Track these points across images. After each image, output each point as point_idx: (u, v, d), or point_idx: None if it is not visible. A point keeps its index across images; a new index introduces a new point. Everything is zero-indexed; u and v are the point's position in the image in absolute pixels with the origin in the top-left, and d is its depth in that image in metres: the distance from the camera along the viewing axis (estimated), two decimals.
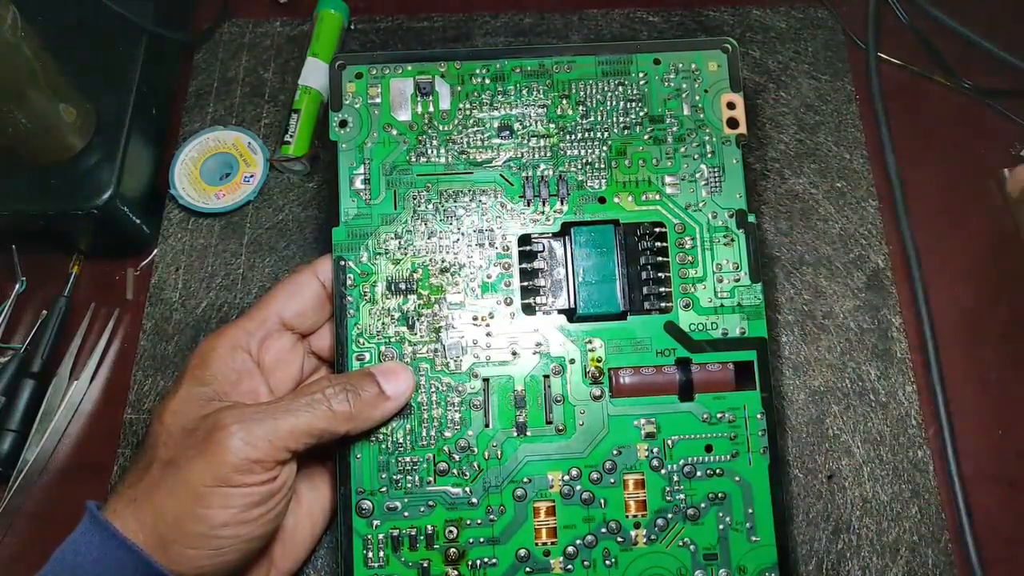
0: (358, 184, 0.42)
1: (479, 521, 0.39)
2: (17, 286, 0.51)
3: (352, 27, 0.58)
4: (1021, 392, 0.47)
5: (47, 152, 0.47)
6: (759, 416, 0.41)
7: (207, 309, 0.50)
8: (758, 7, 0.57)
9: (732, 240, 0.42)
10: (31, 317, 0.50)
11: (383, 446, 0.40)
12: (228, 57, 0.57)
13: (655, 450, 0.40)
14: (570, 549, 0.39)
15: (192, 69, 0.57)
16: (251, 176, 0.52)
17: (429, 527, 0.39)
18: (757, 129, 0.53)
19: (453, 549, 0.39)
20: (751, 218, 0.43)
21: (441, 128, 0.43)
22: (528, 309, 0.41)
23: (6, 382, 0.47)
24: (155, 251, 0.52)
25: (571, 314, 0.41)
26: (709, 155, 0.43)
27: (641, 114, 0.44)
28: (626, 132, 0.43)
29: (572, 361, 0.41)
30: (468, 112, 0.43)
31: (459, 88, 0.44)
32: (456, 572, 0.39)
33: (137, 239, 0.52)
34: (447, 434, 0.40)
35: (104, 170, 0.48)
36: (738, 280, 0.42)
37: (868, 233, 0.51)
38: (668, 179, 0.43)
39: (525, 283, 0.41)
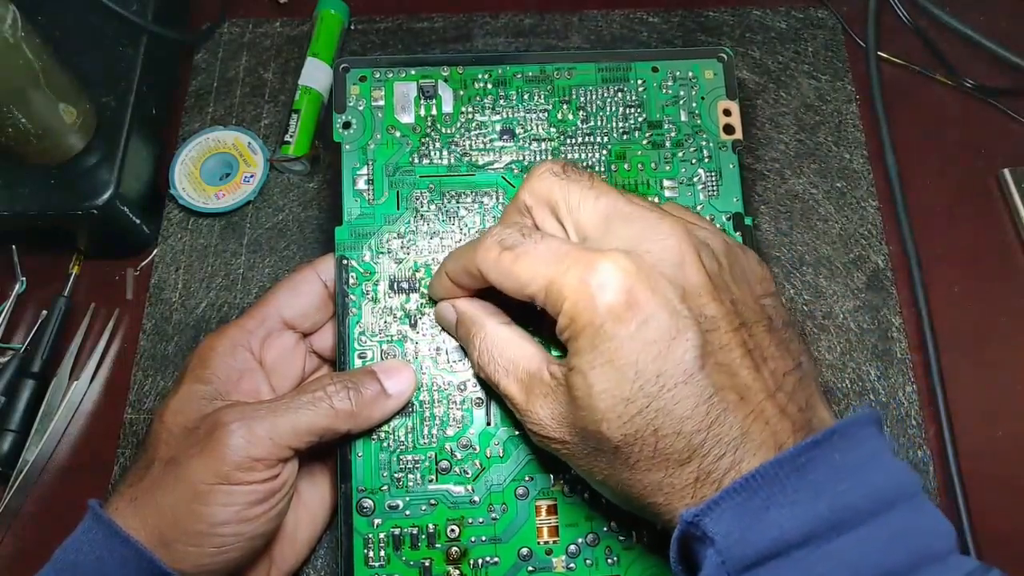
0: (361, 184, 0.42)
1: (481, 520, 0.39)
2: (17, 286, 0.50)
3: (352, 27, 0.58)
4: (1021, 392, 0.48)
5: (47, 152, 0.47)
6: None
7: (207, 309, 0.50)
8: (758, 7, 0.57)
9: None
10: (31, 317, 0.50)
11: (384, 444, 0.40)
12: (228, 57, 0.57)
13: None
14: (572, 547, 0.39)
15: (192, 69, 0.57)
16: (251, 176, 0.52)
17: (431, 526, 0.39)
18: (757, 129, 0.54)
19: (455, 548, 0.39)
20: (748, 221, 0.43)
21: (444, 131, 0.43)
22: None
23: (6, 382, 0.47)
24: (155, 251, 0.52)
25: None
26: (706, 160, 0.44)
27: (640, 119, 0.44)
28: (625, 137, 0.44)
29: None
30: (470, 115, 0.44)
31: (461, 92, 0.44)
32: (458, 571, 0.39)
33: (137, 239, 0.52)
34: (449, 432, 0.40)
35: (104, 170, 0.48)
36: None
37: (868, 233, 0.51)
38: (667, 183, 0.43)
39: None
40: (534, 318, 0.39)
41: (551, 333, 0.39)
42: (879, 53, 0.56)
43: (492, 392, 0.40)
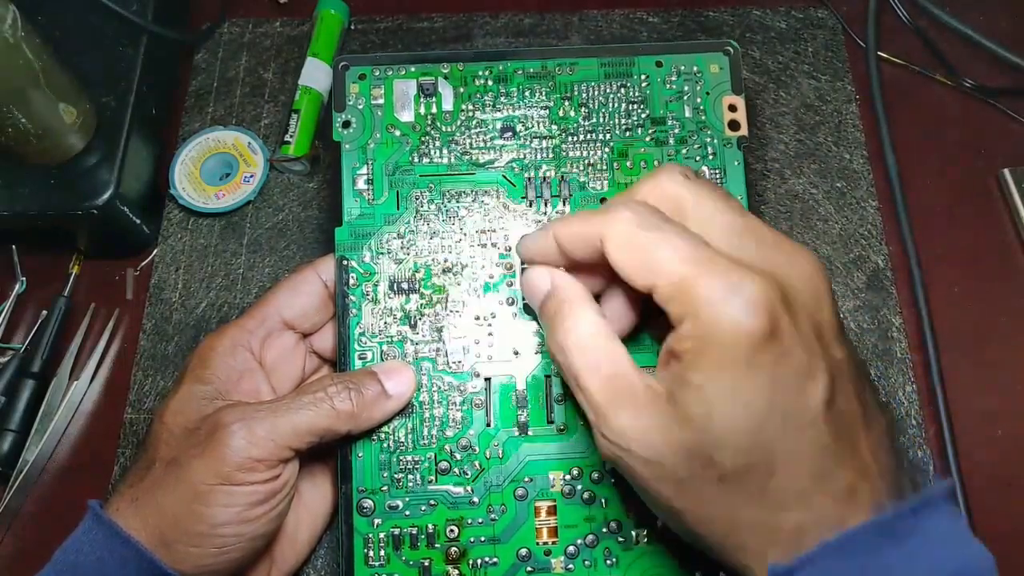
0: (361, 184, 0.42)
1: (480, 520, 0.39)
2: (17, 286, 0.51)
3: (352, 27, 0.58)
4: (1021, 392, 0.48)
5: (47, 152, 0.47)
6: None
7: (207, 309, 0.50)
8: (758, 7, 0.57)
9: None
10: (31, 317, 0.50)
11: (385, 445, 0.40)
12: (228, 57, 0.57)
13: None
14: (571, 548, 0.39)
15: (192, 69, 0.57)
16: (251, 176, 0.52)
17: (430, 526, 0.39)
18: (757, 129, 0.54)
19: (454, 548, 0.39)
20: None
21: (444, 129, 0.43)
22: (530, 309, 0.41)
23: (6, 382, 0.47)
24: (155, 251, 0.52)
25: None
26: (711, 157, 0.43)
27: (643, 116, 0.44)
28: (628, 134, 0.43)
29: None
30: (471, 113, 0.43)
31: (462, 89, 0.44)
32: (457, 571, 0.39)
33: (137, 239, 0.52)
34: (449, 433, 0.40)
35: (104, 170, 0.48)
36: None
37: (868, 233, 0.51)
38: None
39: None
40: None
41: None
42: (879, 53, 0.56)
43: (491, 393, 0.40)
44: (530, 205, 0.42)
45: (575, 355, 0.32)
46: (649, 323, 0.38)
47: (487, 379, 0.40)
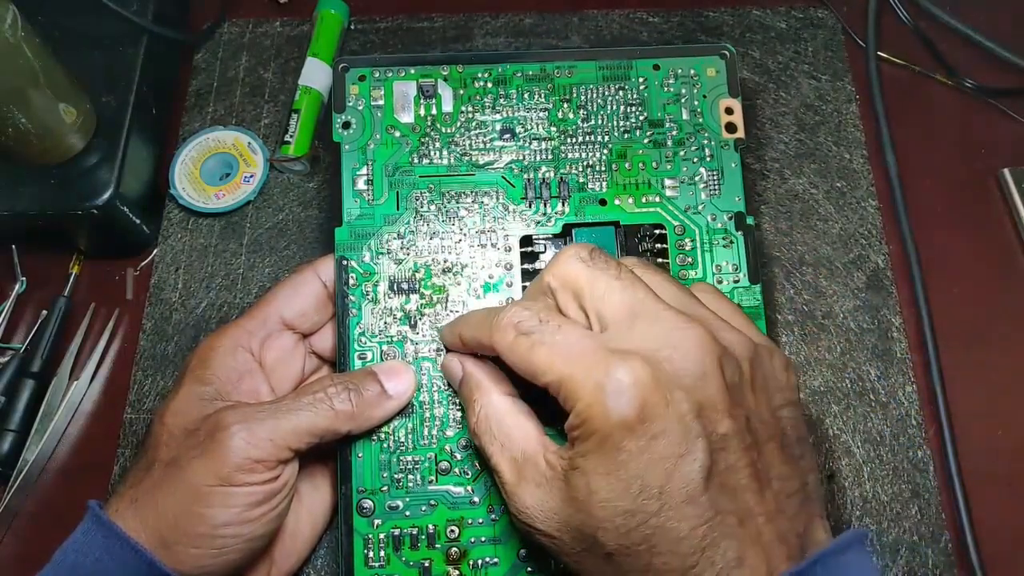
0: (361, 185, 0.42)
1: (481, 520, 0.39)
2: (17, 286, 0.50)
3: (352, 27, 0.58)
4: (1021, 392, 0.48)
5: (47, 152, 0.47)
6: None
7: (207, 309, 0.50)
8: (758, 7, 0.57)
9: (731, 242, 0.43)
10: (31, 317, 0.50)
11: (385, 445, 0.40)
12: (228, 57, 0.57)
13: None
14: None
15: (192, 69, 0.57)
16: (251, 176, 0.52)
17: (430, 526, 0.39)
18: (757, 129, 0.54)
19: (455, 549, 0.39)
20: (750, 220, 0.43)
21: (443, 130, 0.43)
22: None
23: (6, 382, 0.47)
24: (155, 251, 0.52)
25: None
26: (708, 159, 0.43)
27: (641, 118, 0.44)
28: (626, 136, 0.44)
29: None
30: (470, 115, 0.44)
31: (461, 91, 0.44)
32: (458, 572, 0.39)
33: (137, 239, 0.51)
34: (449, 433, 0.40)
35: (104, 170, 0.48)
36: (737, 281, 0.42)
37: (868, 233, 0.51)
38: (668, 182, 0.43)
39: (527, 283, 0.42)
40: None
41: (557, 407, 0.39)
42: (879, 53, 0.56)
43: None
44: (529, 206, 0.42)
45: (485, 438, 0.35)
46: None
47: None
